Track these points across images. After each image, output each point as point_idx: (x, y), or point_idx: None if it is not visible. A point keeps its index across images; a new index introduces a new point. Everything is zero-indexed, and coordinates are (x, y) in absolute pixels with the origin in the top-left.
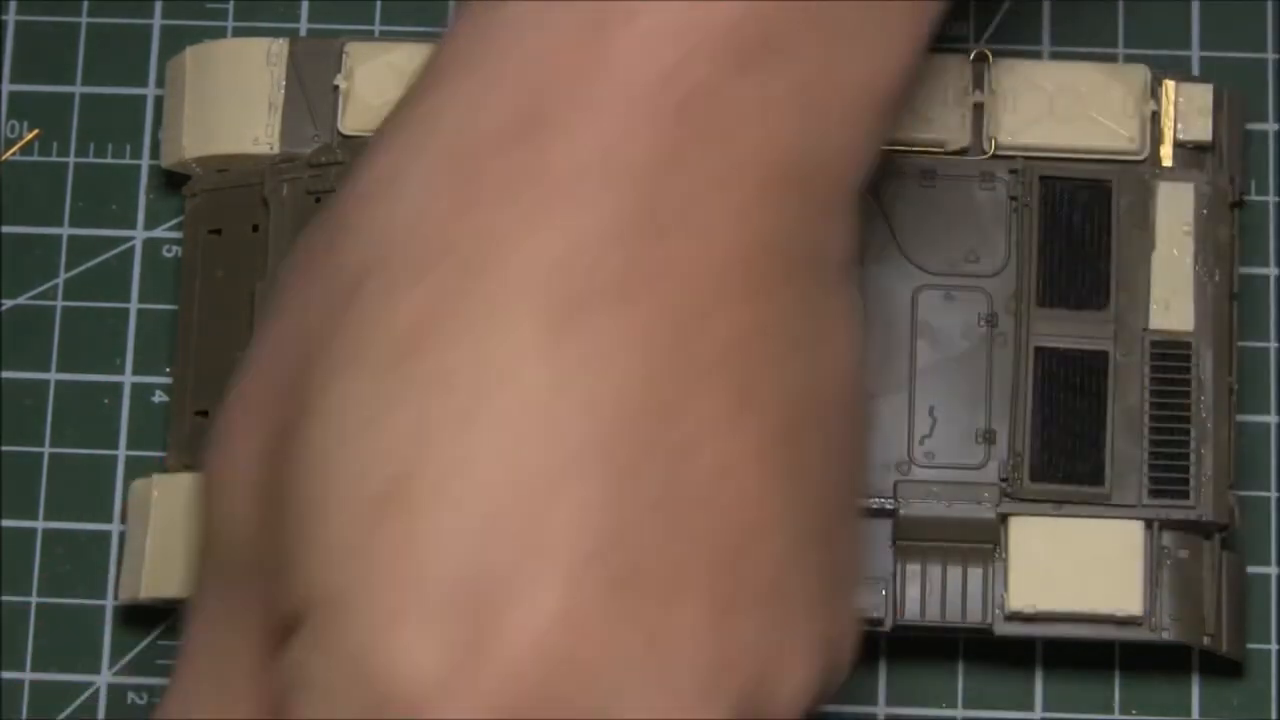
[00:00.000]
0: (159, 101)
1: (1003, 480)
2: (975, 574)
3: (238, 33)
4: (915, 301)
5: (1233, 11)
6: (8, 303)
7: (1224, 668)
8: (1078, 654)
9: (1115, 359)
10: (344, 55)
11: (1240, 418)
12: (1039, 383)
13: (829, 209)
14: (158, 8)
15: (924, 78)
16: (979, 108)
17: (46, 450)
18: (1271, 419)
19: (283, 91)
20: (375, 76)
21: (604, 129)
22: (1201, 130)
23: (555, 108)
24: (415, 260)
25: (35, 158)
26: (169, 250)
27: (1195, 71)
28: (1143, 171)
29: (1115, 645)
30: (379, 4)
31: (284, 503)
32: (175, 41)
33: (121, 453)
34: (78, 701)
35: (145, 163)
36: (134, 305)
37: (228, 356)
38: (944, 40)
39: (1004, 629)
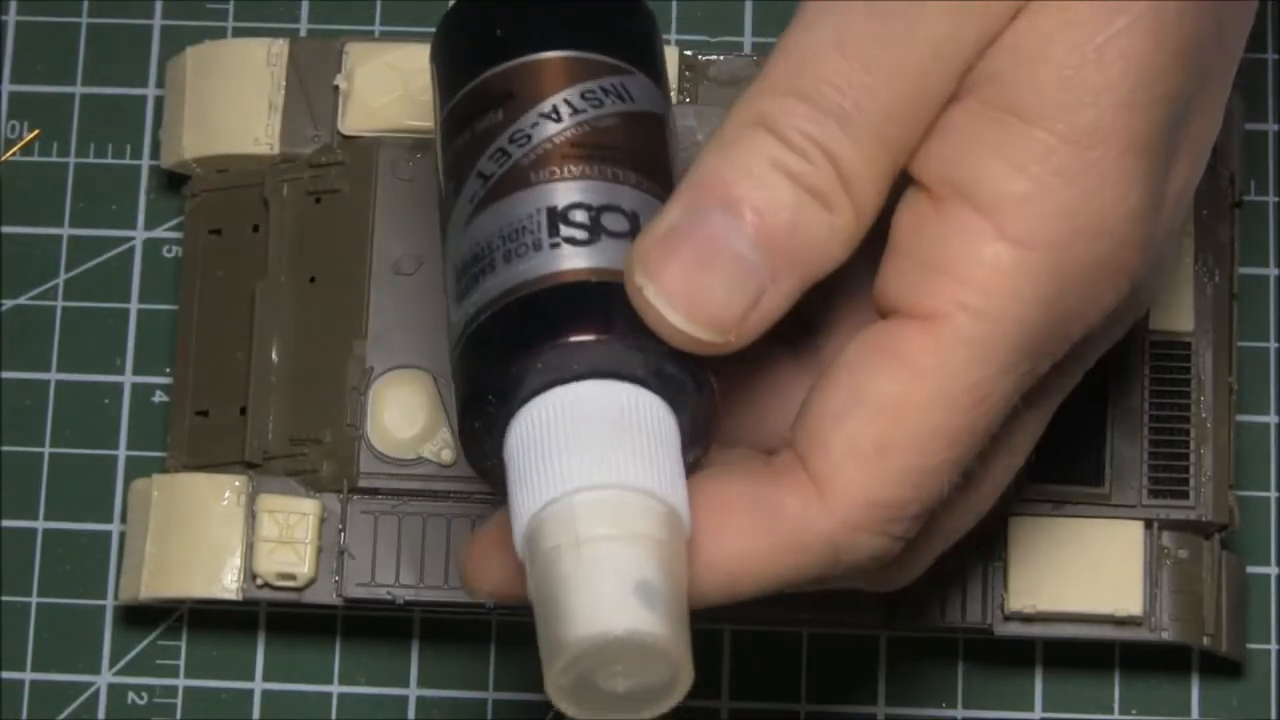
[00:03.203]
0: (159, 101)
1: None
2: (975, 574)
3: (238, 33)
4: None
5: None
6: (8, 303)
7: (1224, 668)
8: (1078, 654)
9: (1115, 359)
10: (344, 55)
11: (1240, 418)
12: None
13: None
14: (158, 8)
15: None
16: None
17: (46, 450)
18: (1271, 419)
19: (283, 91)
20: (375, 76)
21: None
22: None
23: None
24: None
25: (35, 158)
26: (169, 250)
27: None
28: None
29: (1115, 645)
30: (379, 4)
31: None
32: (175, 41)
33: (121, 453)
34: (78, 701)
35: (145, 163)
36: (134, 305)
37: (228, 356)
38: None
39: (1004, 629)
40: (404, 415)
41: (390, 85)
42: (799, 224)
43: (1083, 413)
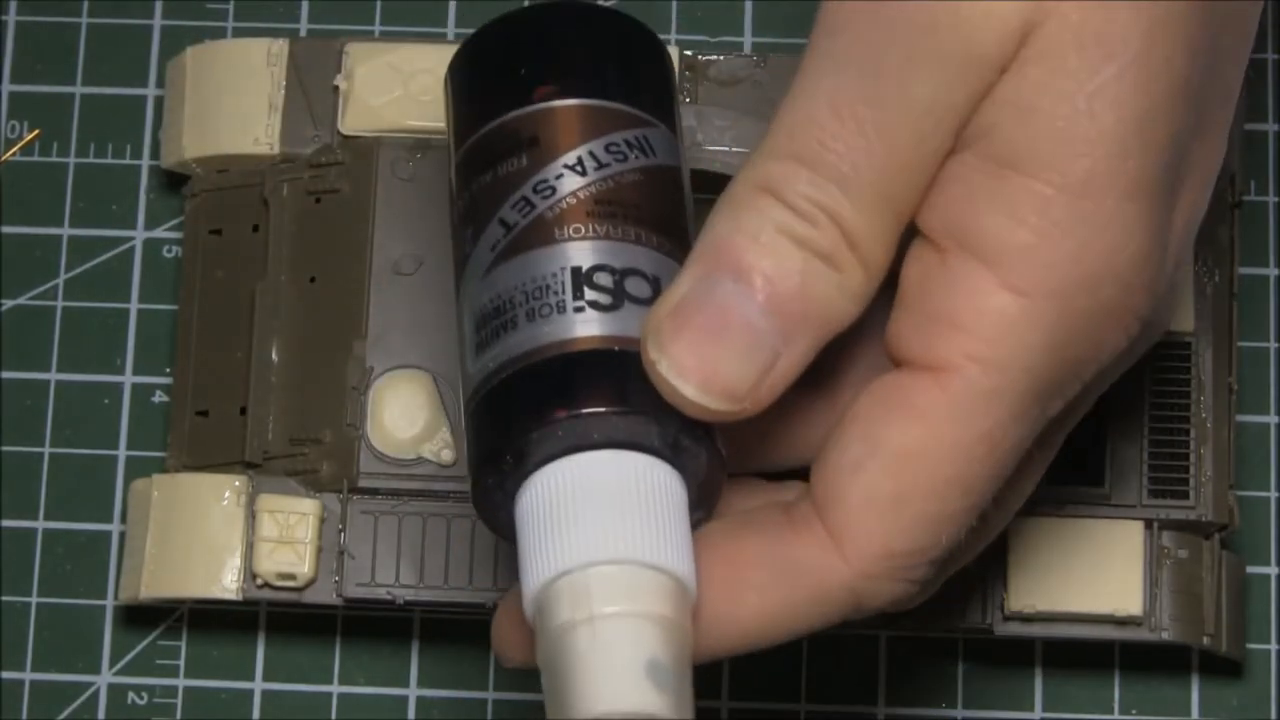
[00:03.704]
0: (159, 101)
1: None
2: (975, 574)
3: (238, 33)
4: None
5: None
6: (8, 303)
7: (1224, 668)
8: (1078, 654)
9: None
10: (344, 55)
11: (1240, 418)
12: None
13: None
14: (158, 8)
15: None
16: None
17: (46, 450)
18: (1271, 419)
19: (283, 91)
20: (375, 76)
21: None
22: None
23: None
24: None
25: (35, 158)
26: (169, 250)
27: None
28: None
29: (1115, 645)
30: (379, 4)
31: None
32: (175, 41)
33: (121, 453)
34: (78, 701)
35: (145, 163)
36: (134, 305)
37: (228, 356)
38: None
39: (1004, 629)
40: (404, 415)
41: (390, 85)
42: (808, 287)
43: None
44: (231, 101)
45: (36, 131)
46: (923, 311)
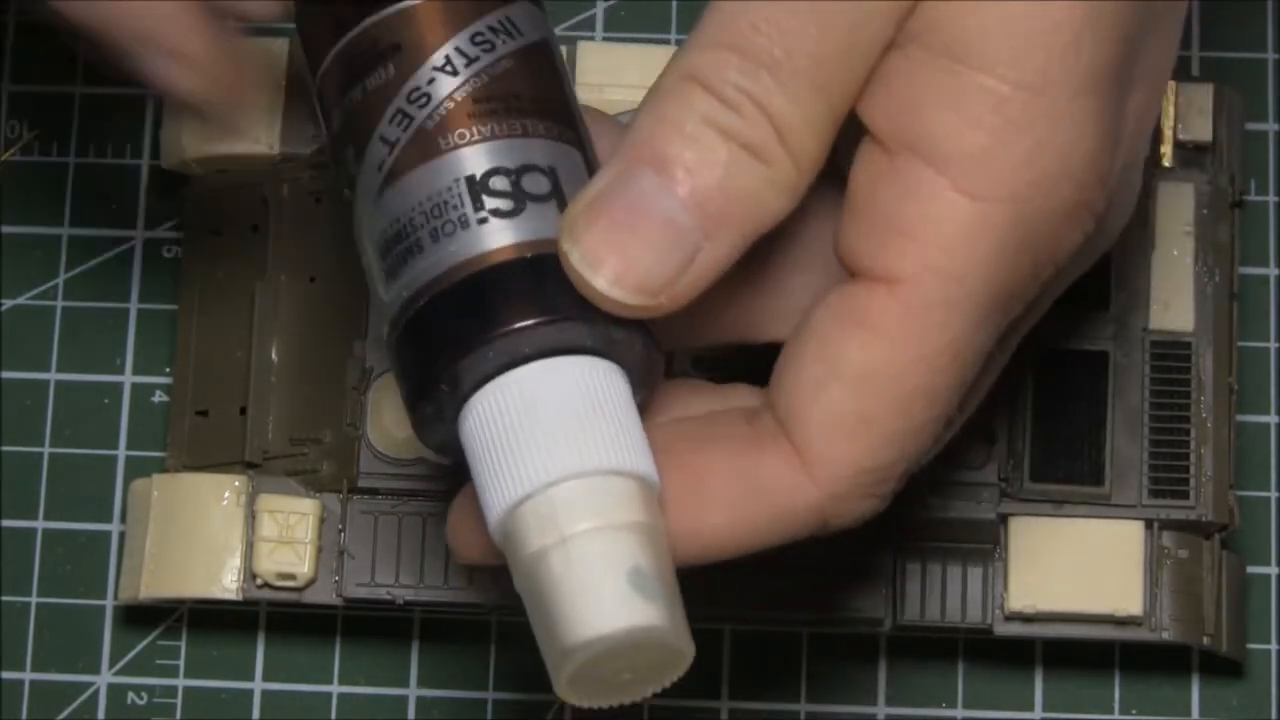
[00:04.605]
0: (159, 101)
1: (1003, 480)
2: (975, 574)
3: None
4: None
5: (1233, 11)
6: (8, 303)
7: (1224, 668)
8: (1078, 654)
9: (1115, 359)
10: None
11: (1240, 418)
12: (1039, 383)
13: None
14: None
15: None
16: None
17: (46, 450)
18: (1271, 419)
19: (283, 92)
20: None
21: None
22: (1201, 130)
23: None
24: None
25: (35, 158)
26: (169, 250)
27: (1195, 71)
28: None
29: (1115, 645)
30: None
31: None
32: None
33: (121, 453)
34: (78, 701)
35: (145, 163)
36: (134, 305)
37: (228, 356)
38: None
39: (1004, 629)
40: (404, 415)
41: None
42: (732, 180)
43: (1083, 413)
44: None
45: (36, 131)
46: (875, 219)
